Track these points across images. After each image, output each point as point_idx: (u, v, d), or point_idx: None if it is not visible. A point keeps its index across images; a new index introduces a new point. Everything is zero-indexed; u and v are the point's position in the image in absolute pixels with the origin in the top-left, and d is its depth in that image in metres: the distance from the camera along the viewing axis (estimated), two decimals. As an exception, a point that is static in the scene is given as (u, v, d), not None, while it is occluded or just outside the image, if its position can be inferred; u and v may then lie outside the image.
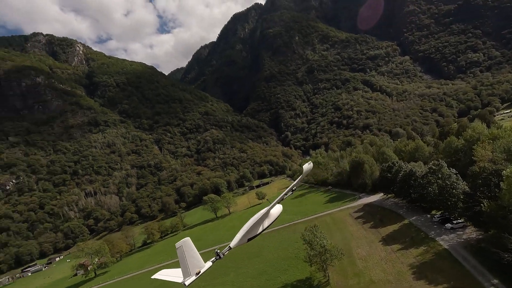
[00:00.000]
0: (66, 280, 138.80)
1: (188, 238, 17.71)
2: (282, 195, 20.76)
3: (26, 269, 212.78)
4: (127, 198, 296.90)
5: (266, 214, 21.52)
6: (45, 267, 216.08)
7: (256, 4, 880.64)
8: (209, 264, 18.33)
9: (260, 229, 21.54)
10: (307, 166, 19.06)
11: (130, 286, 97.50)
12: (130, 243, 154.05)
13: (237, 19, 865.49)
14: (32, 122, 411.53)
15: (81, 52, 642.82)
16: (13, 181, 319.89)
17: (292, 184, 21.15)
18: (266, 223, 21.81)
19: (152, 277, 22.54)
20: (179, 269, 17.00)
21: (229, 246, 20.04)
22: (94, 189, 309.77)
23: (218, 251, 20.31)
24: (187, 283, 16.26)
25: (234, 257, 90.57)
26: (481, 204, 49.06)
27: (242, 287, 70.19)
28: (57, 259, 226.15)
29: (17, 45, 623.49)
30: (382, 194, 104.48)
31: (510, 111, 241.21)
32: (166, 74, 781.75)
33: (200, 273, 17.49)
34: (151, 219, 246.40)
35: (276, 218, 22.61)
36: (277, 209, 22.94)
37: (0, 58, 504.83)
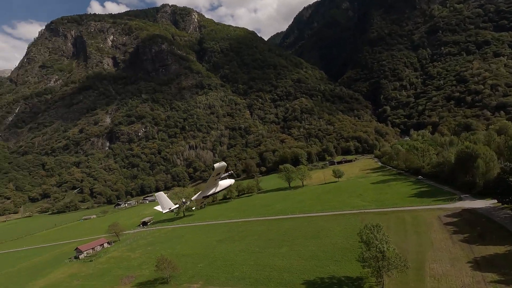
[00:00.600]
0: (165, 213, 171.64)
1: (161, 192, 47.45)
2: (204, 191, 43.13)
3: (146, 198, 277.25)
4: (219, 155, 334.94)
5: (216, 183, 37.93)
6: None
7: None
8: (177, 205, 48.63)
9: (211, 192, 40.65)
10: (218, 165, 25.23)
11: (205, 231, 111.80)
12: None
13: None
14: (157, 82, 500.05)
15: (195, 20, 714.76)
16: (143, 129, 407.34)
17: (206, 185, 36.59)
18: (217, 189, 40.74)
19: (154, 208, 57.87)
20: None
21: (190, 199, 46.84)
22: (196, 143, 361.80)
23: (184, 200, 53.39)
24: (164, 211, 44.67)
25: (292, 232, 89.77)
26: None
27: (290, 265, 68.89)
28: (166, 195, 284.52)
29: (151, 16, 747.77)
30: (495, 201, 78.86)
31: None
32: (266, 39, 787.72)
33: (171, 208, 45.52)
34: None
35: (225, 188, 42.65)
36: (227, 182, 41.78)
37: (139, 28, 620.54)
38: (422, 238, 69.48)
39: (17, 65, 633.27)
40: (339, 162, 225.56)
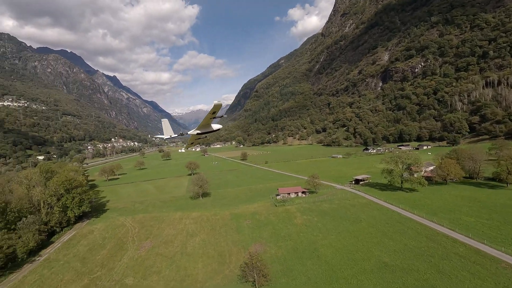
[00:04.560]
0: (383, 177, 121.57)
1: None
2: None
3: (400, 146, 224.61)
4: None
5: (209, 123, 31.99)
6: (415, 148, 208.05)
7: None
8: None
9: (205, 131, 33.02)
10: (217, 103, 22.85)
11: (393, 230, 67.74)
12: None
13: None
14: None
15: None
16: (422, 63, 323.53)
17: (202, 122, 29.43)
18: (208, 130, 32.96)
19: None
20: None
21: (187, 132, 34.20)
22: (499, 77, 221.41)
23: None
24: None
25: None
26: None
27: None
28: (425, 147, 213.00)
29: None
30: None
31: None
32: None
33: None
34: None
35: (213, 131, 33.22)
36: (216, 126, 33.36)
37: None
38: None
39: (327, 19, 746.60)
40: None
